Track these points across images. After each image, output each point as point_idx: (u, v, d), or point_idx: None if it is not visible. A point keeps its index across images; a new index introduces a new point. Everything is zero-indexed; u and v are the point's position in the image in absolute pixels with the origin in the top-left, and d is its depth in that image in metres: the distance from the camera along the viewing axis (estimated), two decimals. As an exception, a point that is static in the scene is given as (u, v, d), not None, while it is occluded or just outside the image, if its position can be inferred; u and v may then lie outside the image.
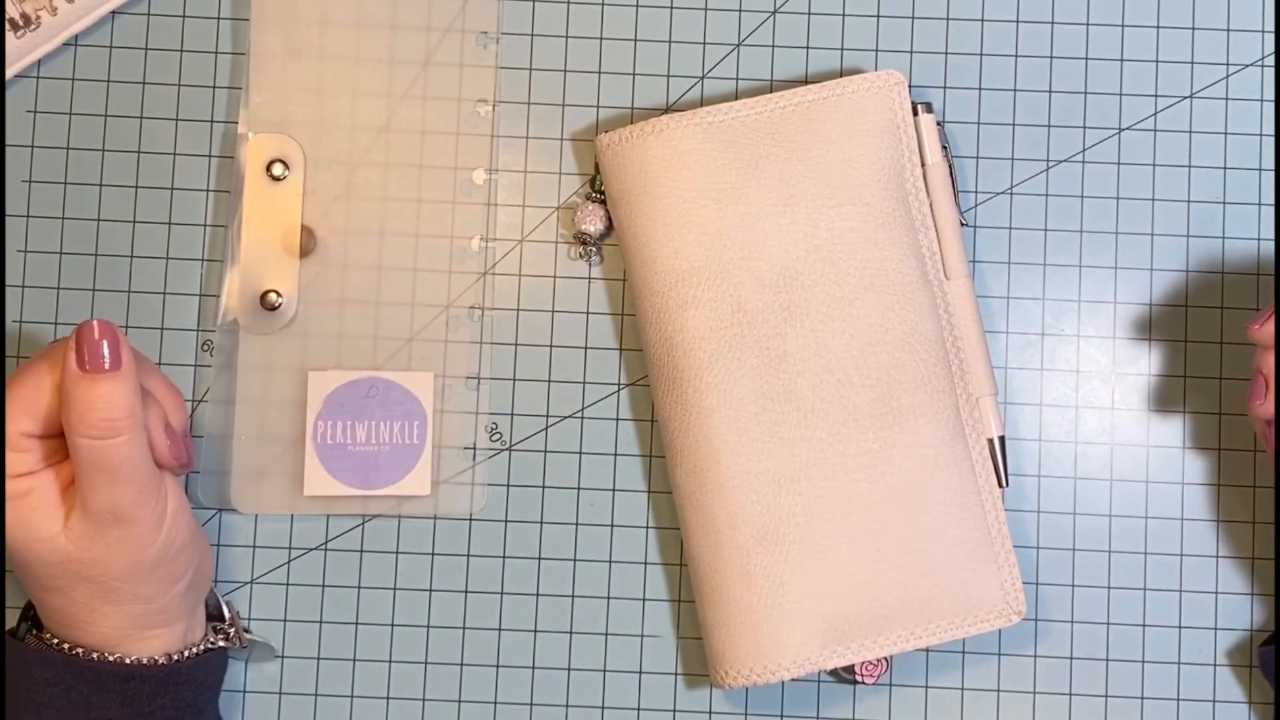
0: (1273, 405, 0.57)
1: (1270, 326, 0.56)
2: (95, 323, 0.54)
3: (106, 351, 0.54)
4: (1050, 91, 0.65)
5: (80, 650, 0.57)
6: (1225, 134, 0.65)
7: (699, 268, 0.61)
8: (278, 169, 0.64)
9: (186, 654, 0.58)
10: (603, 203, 0.64)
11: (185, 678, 0.58)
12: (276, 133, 0.64)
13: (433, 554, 0.64)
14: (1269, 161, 0.65)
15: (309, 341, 0.63)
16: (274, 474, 0.63)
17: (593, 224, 0.64)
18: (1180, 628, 0.63)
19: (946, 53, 0.65)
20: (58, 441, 0.56)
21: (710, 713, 0.63)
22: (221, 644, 0.61)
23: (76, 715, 0.56)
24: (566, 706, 0.63)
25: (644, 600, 0.64)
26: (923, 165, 0.63)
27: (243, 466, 0.63)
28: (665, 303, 0.61)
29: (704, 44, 0.65)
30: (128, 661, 0.57)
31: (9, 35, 0.64)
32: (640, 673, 0.63)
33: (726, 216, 0.61)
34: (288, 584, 0.64)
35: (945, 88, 0.65)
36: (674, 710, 0.63)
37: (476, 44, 0.64)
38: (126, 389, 0.54)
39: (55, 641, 0.57)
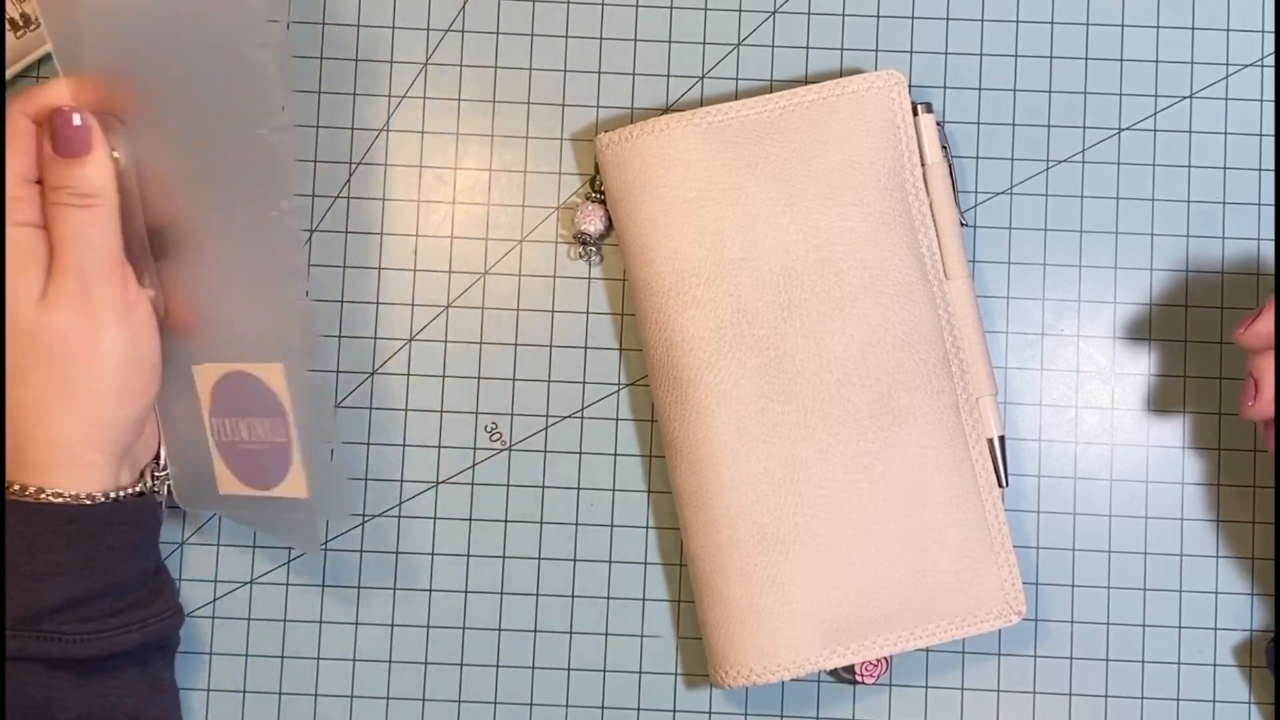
0: (1265, 406, 0.57)
1: (1257, 328, 0.56)
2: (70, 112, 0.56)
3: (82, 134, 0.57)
4: (1050, 91, 0.65)
5: (24, 490, 0.56)
6: (1225, 134, 0.65)
7: (699, 268, 0.61)
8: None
9: (123, 494, 0.58)
10: (603, 203, 0.64)
11: (129, 516, 0.58)
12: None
13: (433, 554, 0.64)
14: (1269, 161, 0.65)
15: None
16: (207, 473, 0.60)
17: (593, 224, 0.64)
18: (1180, 628, 0.63)
19: (946, 53, 0.65)
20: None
21: (710, 713, 0.63)
22: (153, 489, 0.60)
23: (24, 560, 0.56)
24: (566, 706, 0.63)
25: (644, 600, 0.64)
26: (923, 165, 0.63)
27: (181, 463, 0.61)
28: (665, 303, 0.61)
29: (704, 44, 0.65)
30: (73, 496, 0.56)
31: (9, 35, 0.64)
32: (640, 673, 0.63)
33: (726, 216, 0.61)
34: (287, 584, 0.64)
35: (945, 88, 0.65)
36: (674, 710, 0.63)
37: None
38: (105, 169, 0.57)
39: (16, 488, 0.56)
